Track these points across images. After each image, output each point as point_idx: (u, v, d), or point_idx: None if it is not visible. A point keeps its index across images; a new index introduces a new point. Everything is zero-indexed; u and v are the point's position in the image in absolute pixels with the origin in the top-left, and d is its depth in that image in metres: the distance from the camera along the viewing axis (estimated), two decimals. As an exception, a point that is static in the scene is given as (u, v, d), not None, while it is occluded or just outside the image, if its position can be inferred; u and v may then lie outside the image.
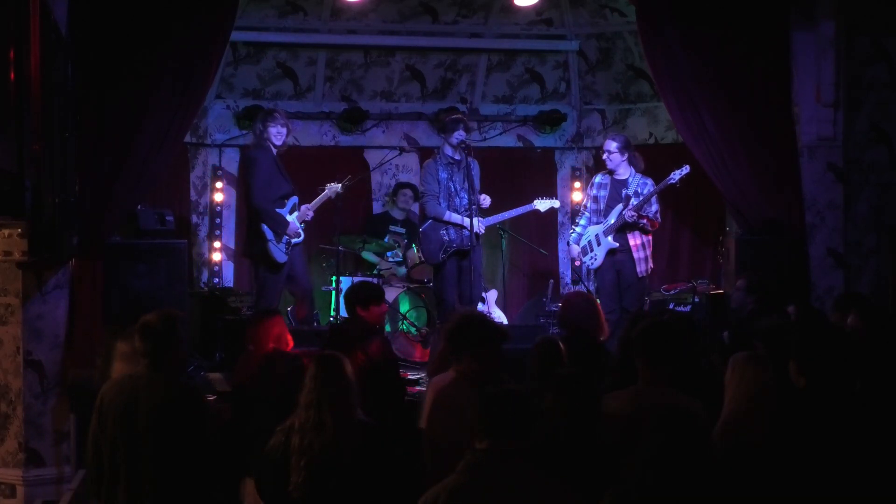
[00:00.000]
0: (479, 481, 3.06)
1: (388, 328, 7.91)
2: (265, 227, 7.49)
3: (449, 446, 3.99)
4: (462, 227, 7.47)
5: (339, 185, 7.80)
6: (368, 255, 8.92)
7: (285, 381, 4.64)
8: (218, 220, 9.29)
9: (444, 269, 7.61)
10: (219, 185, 9.27)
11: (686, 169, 7.51)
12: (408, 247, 8.77)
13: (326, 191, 7.76)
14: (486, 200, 7.61)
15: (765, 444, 3.55)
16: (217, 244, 9.26)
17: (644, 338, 4.03)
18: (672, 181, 7.56)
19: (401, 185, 9.22)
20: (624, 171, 7.78)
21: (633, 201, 7.63)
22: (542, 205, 8.06)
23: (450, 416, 4.15)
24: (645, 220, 7.64)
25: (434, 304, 8.01)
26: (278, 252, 7.52)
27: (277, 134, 7.53)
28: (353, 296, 5.66)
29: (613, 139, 7.84)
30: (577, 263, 9.10)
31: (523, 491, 3.06)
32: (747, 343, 4.60)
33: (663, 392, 3.86)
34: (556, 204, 8.19)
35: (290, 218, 7.57)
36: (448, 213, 7.53)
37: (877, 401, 3.79)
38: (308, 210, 7.67)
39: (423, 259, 8.15)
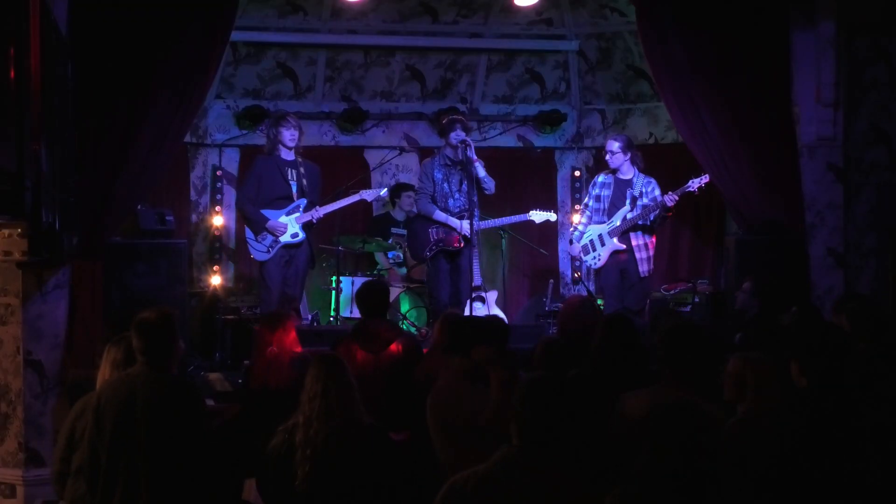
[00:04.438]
0: (511, 477, 3.01)
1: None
2: (246, 226, 7.73)
3: (447, 435, 4.02)
4: (451, 227, 7.49)
5: (382, 190, 8.24)
6: (379, 258, 8.95)
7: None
8: (218, 221, 9.29)
9: (433, 268, 7.64)
10: (219, 184, 9.27)
11: (705, 178, 7.44)
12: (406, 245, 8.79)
13: (358, 196, 7.91)
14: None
15: (769, 444, 3.56)
16: (217, 243, 9.26)
17: (667, 340, 4.04)
18: (690, 188, 7.52)
19: (401, 187, 9.15)
20: (627, 171, 7.77)
21: (640, 202, 7.63)
22: (537, 216, 8.02)
23: (447, 408, 4.17)
24: (670, 214, 7.65)
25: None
26: (256, 251, 7.63)
27: (291, 138, 7.61)
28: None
29: (615, 139, 7.82)
30: (578, 263, 9.12)
31: (555, 491, 3.01)
32: (761, 345, 4.59)
33: (682, 394, 3.86)
34: (552, 217, 8.13)
35: (284, 219, 7.58)
36: (438, 212, 7.55)
37: (869, 402, 3.79)
38: (319, 211, 7.68)
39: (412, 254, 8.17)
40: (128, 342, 4.44)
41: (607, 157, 7.79)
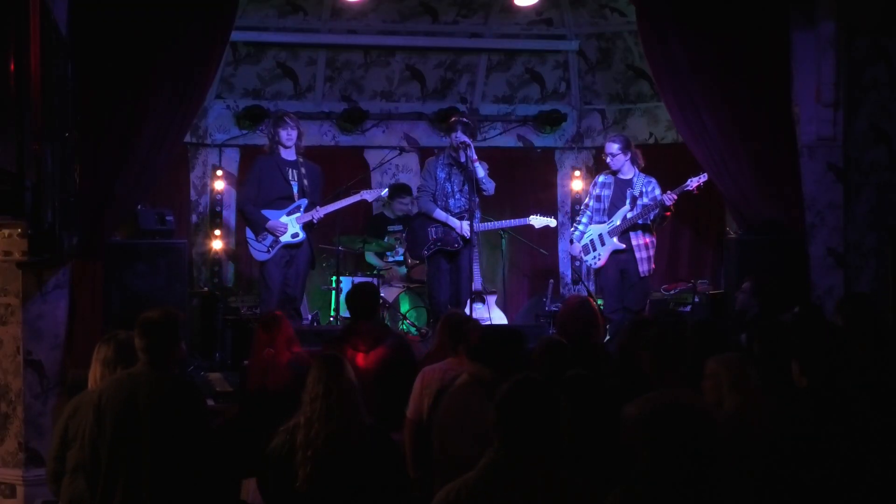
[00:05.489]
0: (499, 482, 2.99)
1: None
2: (246, 226, 7.78)
3: (459, 449, 3.99)
4: (450, 227, 7.50)
5: (382, 191, 8.25)
6: (371, 258, 8.94)
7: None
8: (218, 220, 9.30)
9: (432, 268, 7.65)
10: (219, 185, 9.28)
11: (704, 177, 7.45)
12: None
13: (358, 196, 7.94)
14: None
15: (767, 443, 3.56)
16: (217, 244, 9.26)
17: (652, 342, 4.07)
18: (689, 188, 7.52)
19: (398, 190, 9.09)
20: (627, 171, 7.77)
21: (640, 202, 7.64)
22: (537, 221, 8.03)
23: (461, 420, 4.14)
24: (669, 213, 7.65)
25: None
26: (257, 251, 7.67)
27: (288, 137, 7.65)
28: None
29: (614, 140, 7.82)
30: (578, 263, 9.12)
31: (545, 492, 2.98)
32: (762, 345, 4.59)
33: (676, 393, 3.87)
34: (552, 223, 8.13)
35: (284, 219, 7.61)
36: (438, 210, 7.55)
37: (868, 402, 3.80)
38: (319, 211, 7.70)
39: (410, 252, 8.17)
40: (117, 341, 4.45)
41: (608, 159, 7.78)
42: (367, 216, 9.51)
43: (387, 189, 8.51)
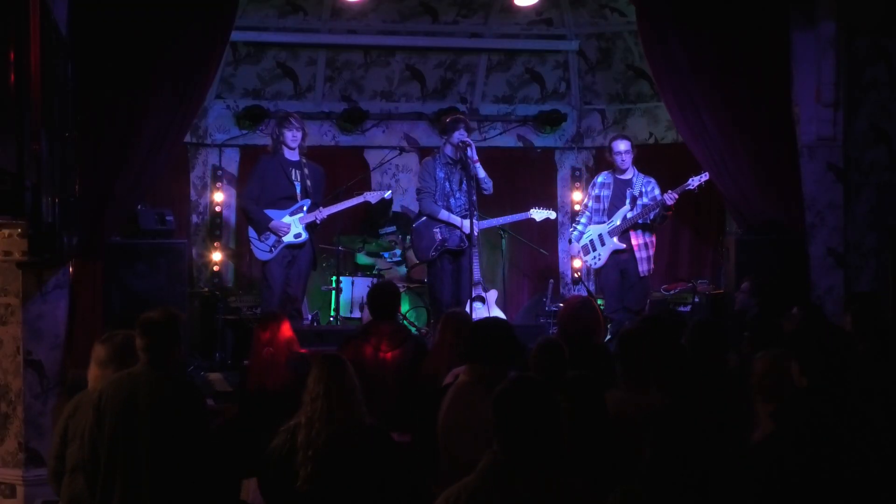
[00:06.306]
0: (499, 484, 2.97)
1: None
2: (249, 226, 7.78)
3: (464, 451, 3.98)
4: (455, 226, 7.50)
5: (386, 192, 8.19)
6: (362, 258, 8.95)
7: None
8: (218, 220, 9.30)
9: (437, 268, 7.64)
10: (219, 185, 9.28)
11: (705, 176, 7.47)
12: (408, 246, 8.79)
13: (362, 198, 7.94)
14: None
15: (765, 443, 3.55)
16: (217, 244, 9.26)
17: (618, 345, 4.09)
18: (690, 187, 7.54)
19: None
20: (629, 171, 7.79)
21: (640, 202, 7.64)
22: (538, 214, 8.06)
23: (464, 421, 4.14)
24: (670, 213, 7.65)
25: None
26: (259, 251, 7.67)
27: (293, 138, 7.66)
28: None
29: (622, 140, 7.82)
30: (578, 264, 9.12)
31: (546, 494, 2.95)
32: (762, 345, 4.59)
33: (640, 395, 3.88)
34: (552, 215, 8.17)
35: (287, 219, 7.61)
36: (442, 211, 7.55)
37: (870, 402, 3.79)
38: (322, 212, 7.70)
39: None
40: (114, 343, 4.45)
41: (617, 158, 7.77)
42: (364, 217, 9.52)
43: (390, 191, 8.48)
